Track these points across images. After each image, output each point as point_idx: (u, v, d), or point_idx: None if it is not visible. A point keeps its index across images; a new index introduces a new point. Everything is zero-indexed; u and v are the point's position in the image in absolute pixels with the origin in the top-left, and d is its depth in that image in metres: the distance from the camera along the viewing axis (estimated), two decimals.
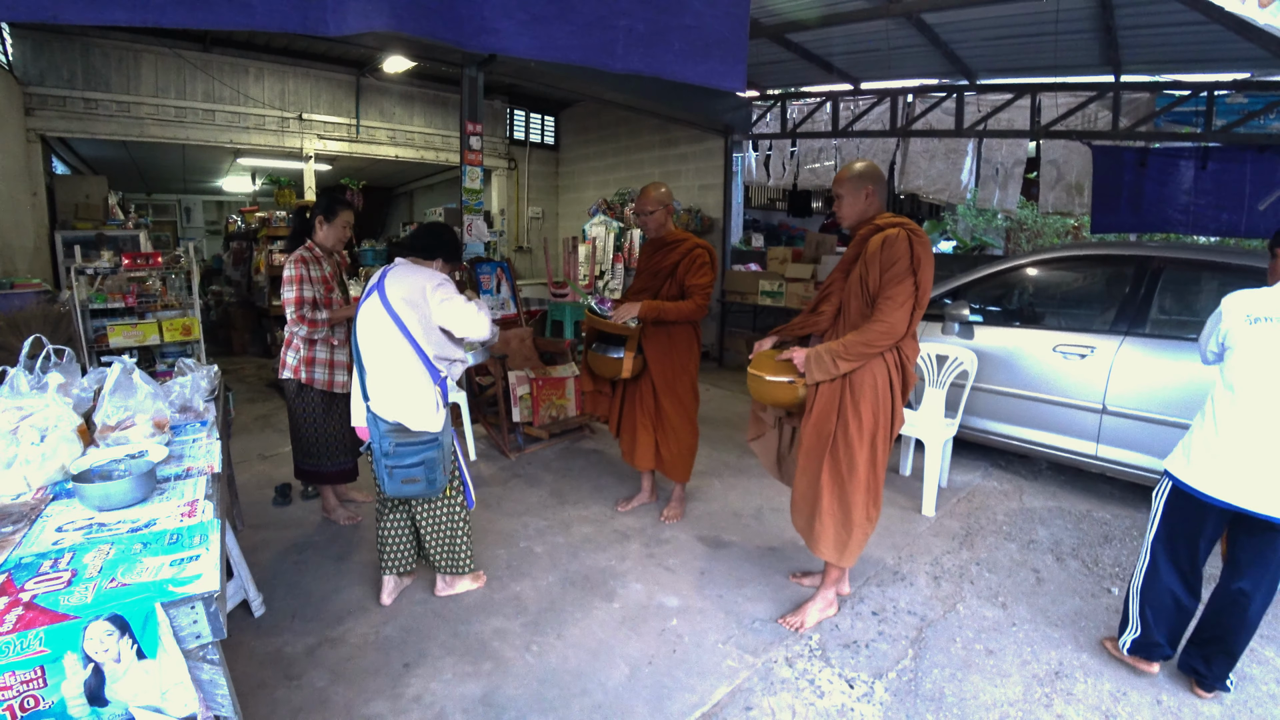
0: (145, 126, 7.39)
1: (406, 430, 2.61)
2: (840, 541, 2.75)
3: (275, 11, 1.58)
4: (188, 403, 2.71)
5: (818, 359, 2.64)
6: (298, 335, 3.36)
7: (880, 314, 2.53)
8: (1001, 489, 4.37)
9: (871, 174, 2.68)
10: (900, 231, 2.54)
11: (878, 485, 2.72)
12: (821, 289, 2.89)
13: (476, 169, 5.73)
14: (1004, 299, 4.73)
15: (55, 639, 1.25)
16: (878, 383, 2.61)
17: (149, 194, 14.60)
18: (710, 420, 5.71)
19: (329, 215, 3.42)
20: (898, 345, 2.60)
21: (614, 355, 3.55)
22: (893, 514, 3.92)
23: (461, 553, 2.95)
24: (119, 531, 1.64)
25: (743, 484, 4.38)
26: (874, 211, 2.71)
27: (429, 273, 2.69)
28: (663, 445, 3.67)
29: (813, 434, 2.71)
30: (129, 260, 4.93)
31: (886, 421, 2.64)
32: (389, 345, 2.60)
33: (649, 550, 3.47)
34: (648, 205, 3.50)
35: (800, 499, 2.83)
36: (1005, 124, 6.41)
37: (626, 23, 1.77)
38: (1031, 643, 2.75)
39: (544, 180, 11.26)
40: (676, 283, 3.49)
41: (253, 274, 8.98)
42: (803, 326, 2.91)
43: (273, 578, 3.15)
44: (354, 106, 8.84)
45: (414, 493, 2.68)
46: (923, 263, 2.50)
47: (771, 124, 8.05)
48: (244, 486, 4.15)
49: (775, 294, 7.35)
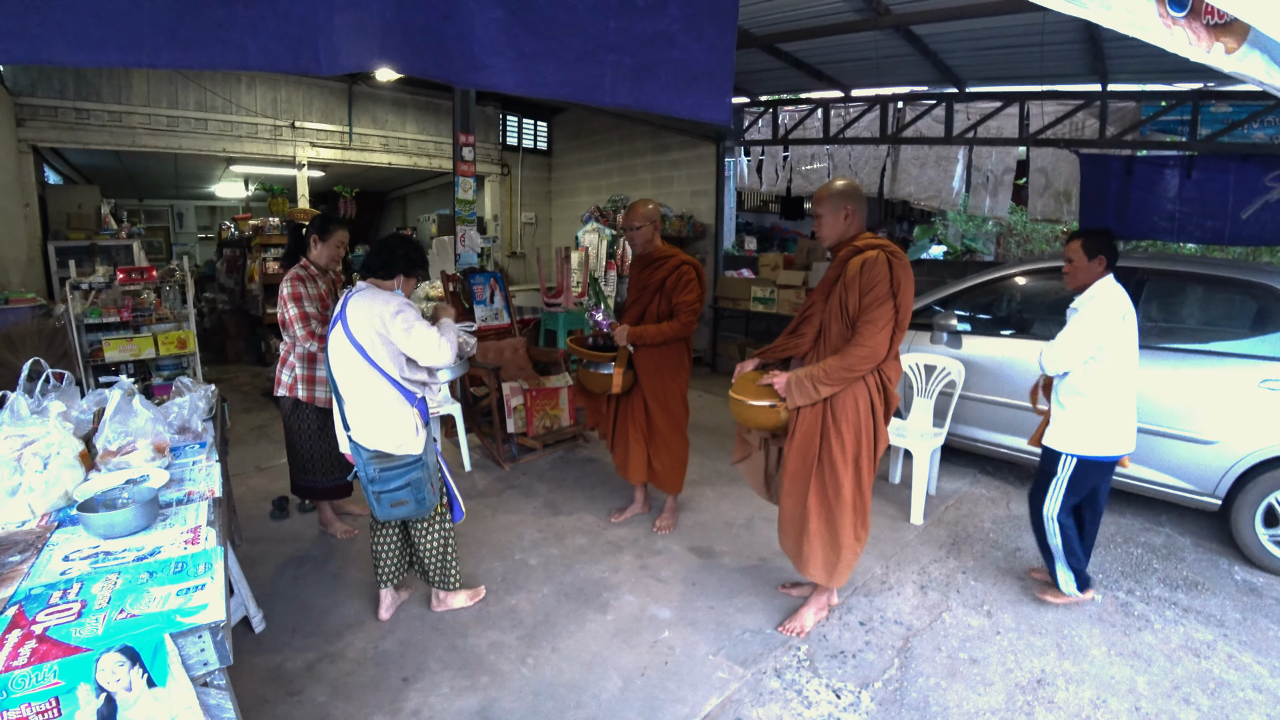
0: (137, 136, 7.42)
1: (389, 455, 2.62)
2: (829, 563, 2.81)
3: (268, 52, 1.64)
4: (186, 424, 2.76)
5: (798, 384, 2.67)
6: (296, 353, 3.41)
7: (861, 338, 2.57)
8: (989, 496, 4.45)
9: (850, 193, 2.71)
10: (880, 254, 2.57)
11: (865, 505, 2.77)
12: (801, 310, 2.91)
13: (469, 180, 5.79)
14: (992, 307, 4.81)
15: (69, 671, 1.31)
16: (859, 405, 2.66)
17: (141, 200, 14.59)
18: (702, 428, 5.78)
19: (323, 234, 3.48)
20: (879, 367, 2.64)
21: (603, 371, 3.62)
22: (881, 522, 3.99)
23: (451, 566, 3.01)
24: (125, 560, 1.70)
25: (735, 493, 4.45)
26: (854, 232, 2.73)
27: (386, 297, 2.63)
28: (655, 458, 3.74)
29: (797, 458, 2.77)
30: (124, 275, 4.98)
31: (870, 443, 2.69)
32: (358, 375, 2.60)
33: (642, 562, 3.54)
34: (635, 221, 3.56)
35: (787, 522, 2.89)
36: (995, 131, 6.49)
37: (614, 58, 1.83)
38: (1015, 651, 2.83)
39: (537, 186, 11.31)
40: (665, 298, 3.56)
41: (246, 282, 9.02)
42: (784, 349, 2.96)
43: (272, 593, 3.20)
44: (346, 114, 8.89)
45: (405, 514, 2.73)
46: (903, 285, 2.54)
47: (763, 130, 8.12)
48: (241, 500, 4.20)
49: (767, 300, 7.43)
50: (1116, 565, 3.55)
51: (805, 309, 2.90)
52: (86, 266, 6.01)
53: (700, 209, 8.87)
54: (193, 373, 5.28)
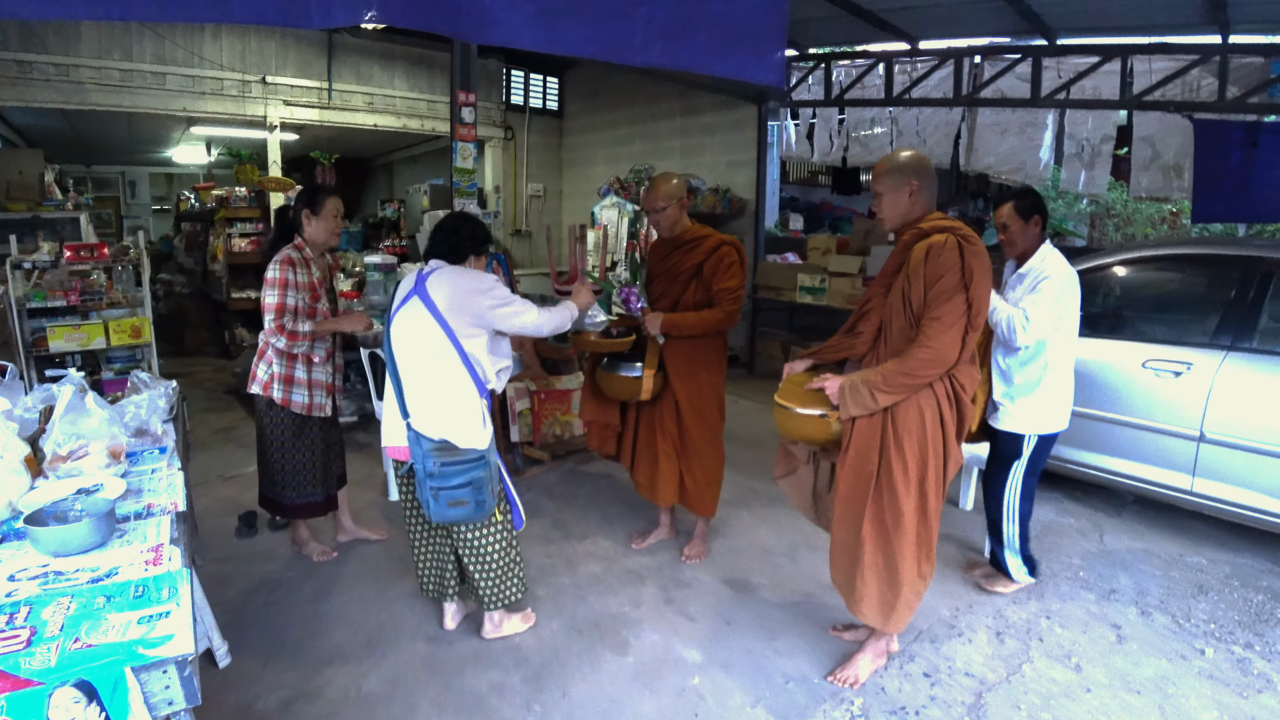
0: (87, 93, 7.55)
1: (453, 448, 2.75)
2: (885, 603, 2.79)
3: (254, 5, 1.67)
4: (144, 425, 2.82)
5: (853, 390, 2.64)
6: (274, 346, 3.46)
7: (925, 338, 2.53)
8: (1078, 527, 4.42)
9: (916, 166, 2.68)
10: (949, 238, 2.53)
11: (930, 537, 2.75)
12: (859, 305, 2.91)
13: (469, 145, 5.83)
14: (1087, 303, 4.75)
15: (19, 707, 1.35)
16: (925, 418, 2.63)
17: (89, 166, 14.87)
18: (737, 440, 5.77)
19: (314, 207, 3.49)
20: (950, 373, 2.61)
21: (629, 374, 3.62)
22: (950, 555, 3.98)
23: (512, 584, 3.08)
24: (78, 582, 1.74)
25: (775, 516, 4.46)
26: (919, 212, 2.70)
27: (476, 274, 2.89)
28: (686, 475, 3.75)
29: (850, 478, 2.75)
30: (71, 252, 5.07)
31: (938, 463, 2.67)
32: (433, 355, 2.78)
33: (667, 594, 3.55)
34: (658, 201, 3.54)
35: (838, 552, 2.89)
36: (1090, 92, 6.41)
37: (646, 12, 1.84)
38: (1108, 713, 2.81)
39: (546, 153, 11.36)
40: (703, 286, 3.56)
41: (209, 261, 9.18)
42: (838, 349, 2.95)
43: (240, 621, 3.26)
44: (325, 68, 8.98)
45: (461, 517, 2.81)
46: (976, 275, 2.50)
47: (814, 89, 8.08)
48: (204, 514, 4.26)
49: (816, 290, 7.41)
50: (1232, 613, 3.50)
51: (863, 303, 2.90)
52: (28, 242, 6.14)
53: (737, 182, 8.86)
54: (148, 366, 5.39)
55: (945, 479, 2.71)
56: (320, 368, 3.55)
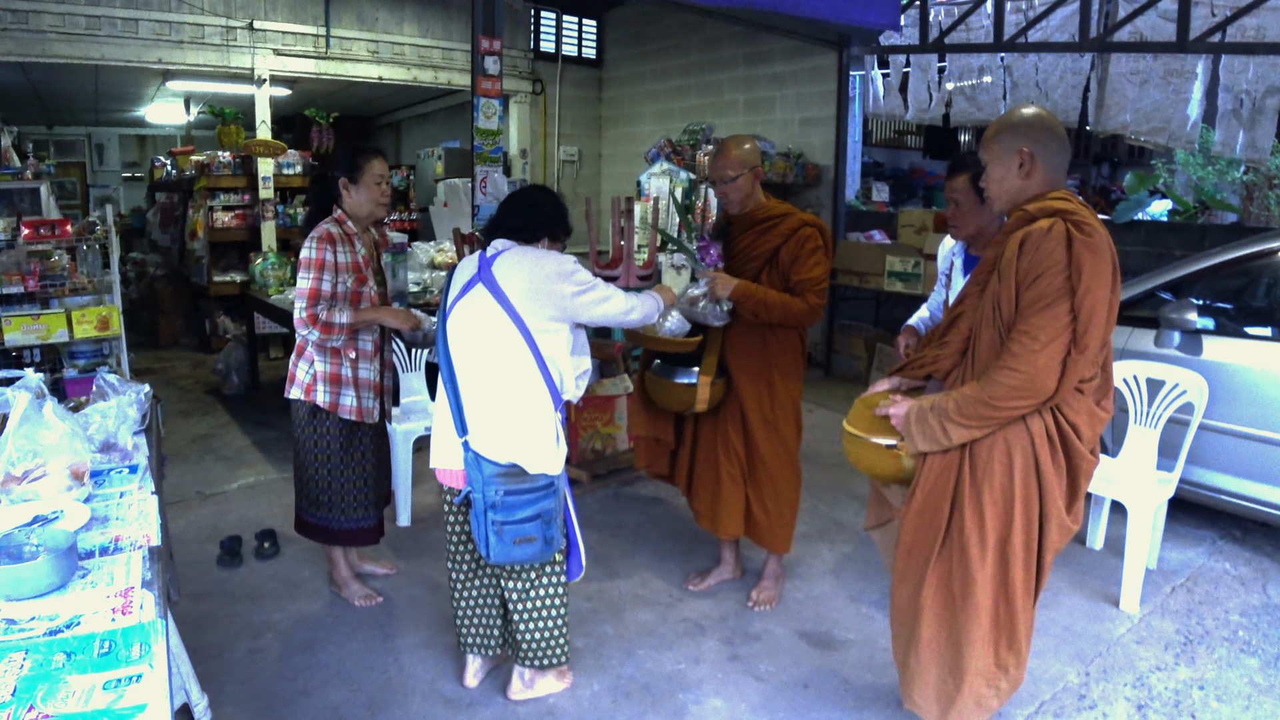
0: (48, 43, 7.68)
1: (521, 473, 2.70)
2: (943, 694, 2.58)
3: None
4: (111, 438, 2.81)
5: (919, 418, 2.46)
6: (310, 341, 3.46)
7: (1011, 358, 2.29)
8: (1237, 574, 4.28)
9: (1031, 127, 2.45)
10: (1055, 225, 2.28)
11: (1014, 619, 2.50)
12: (953, 307, 2.70)
13: (493, 102, 5.80)
14: (1248, 296, 4.60)
15: None
16: (1014, 464, 2.39)
17: (50, 127, 15.22)
18: (816, 458, 5.69)
19: (353, 173, 3.47)
20: (1055, 406, 2.38)
21: (683, 380, 3.56)
22: (1078, 607, 3.87)
23: (557, 639, 3.03)
24: (34, 634, 1.71)
25: (863, 554, 4.38)
26: (1035, 189, 2.45)
27: (554, 255, 2.84)
28: (755, 502, 3.69)
29: (914, 526, 2.58)
30: (30, 229, 5.14)
31: (1029, 525, 2.43)
32: (501, 356, 2.73)
33: (732, 650, 3.50)
34: (729, 169, 3.46)
35: (897, 615, 2.73)
36: (1253, 34, 6.21)
37: None
38: None
39: (582, 109, 11.35)
40: (779, 274, 3.50)
41: (187, 238, 9.32)
42: (924, 363, 2.75)
43: (221, 671, 3.27)
44: (323, 12, 9.03)
45: (526, 557, 2.76)
46: (1086, 274, 2.23)
47: (908, 33, 7.94)
48: (180, 538, 4.31)
49: (909, 277, 7.29)
50: None
51: (957, 303, 2.68)
52: None
53: (813, 144, 8.78)
54: (117, 362, 5.45)
55: (1043, 547, 2.49)
56: (365, 365, 3.55)
